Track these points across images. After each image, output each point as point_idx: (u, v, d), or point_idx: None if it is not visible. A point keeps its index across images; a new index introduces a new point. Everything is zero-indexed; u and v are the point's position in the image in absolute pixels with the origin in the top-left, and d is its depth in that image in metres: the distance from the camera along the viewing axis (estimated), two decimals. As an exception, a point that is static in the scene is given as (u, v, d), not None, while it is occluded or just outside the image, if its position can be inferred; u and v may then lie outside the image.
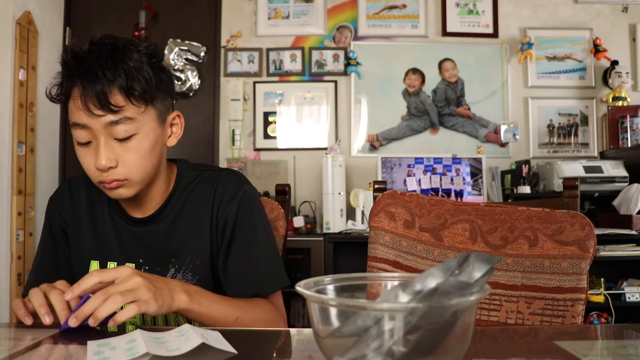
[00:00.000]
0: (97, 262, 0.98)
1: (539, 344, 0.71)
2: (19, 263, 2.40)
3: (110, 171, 0.86)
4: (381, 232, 1.09)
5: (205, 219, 0.97)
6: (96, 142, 0.86)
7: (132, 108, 0.85)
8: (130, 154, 0.87)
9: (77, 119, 0.85)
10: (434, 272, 0.46)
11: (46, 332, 0.71)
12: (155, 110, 0.90)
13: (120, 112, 0.84)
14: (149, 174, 0.92)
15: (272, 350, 0.70)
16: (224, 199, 0.97)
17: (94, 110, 0.83)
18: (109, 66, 0.83)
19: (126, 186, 0.89)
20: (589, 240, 0.95)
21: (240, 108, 3.04)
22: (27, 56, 2.51)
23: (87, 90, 0.82)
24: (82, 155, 0.89)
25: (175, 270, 0.96)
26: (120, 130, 0.85)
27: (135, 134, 0.87)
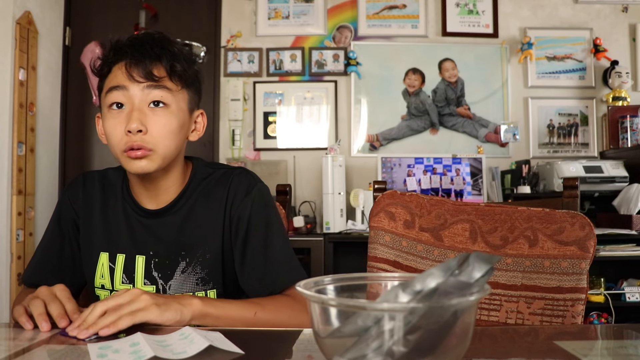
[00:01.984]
0: (106, 254, 0.99)
1: (539, 344, 0.71)
2: (19, 263, 2.40)
3: (139, 136, 0.89)
4: (381, 232, 1.09)
5: (217, 214, 0.99)
6: (130, 106, 0.90)
7: (170, 83, 0.93)
8: (160, 123, 0.91)
9: (116, 82, 0.91)
10: (434, 272, 0.46)
11: (46, 333, 0.71)
12: (187, 96, 0.97)
13: (159, 81, 0.91)
14: (171, 153, 0.94)
15: (276, 350, 0.70)
16: (237, 195, 0.99)
17: (137, 77, 0.90)
18: (156, 46, 0.92)
19: (150, 158, 0.91)
20: (589, 240, 0.95)
21: (240, 108, 3.04)
22: (27, 56, 2.51)
23: (134, 61, 0.90)
24: (111, 124, 0.91)
25: (185, 264, 0.97)
26: (156, 94, 0.91)
27: (168, 106, 0.92)
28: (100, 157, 3.01)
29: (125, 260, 0.98)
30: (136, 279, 0.97)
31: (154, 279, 0.97)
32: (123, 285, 0.98)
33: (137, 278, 0.97)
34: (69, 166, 2.95)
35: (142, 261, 0.98)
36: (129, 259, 0.98)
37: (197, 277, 0.97)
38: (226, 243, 0.99)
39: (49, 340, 0.68)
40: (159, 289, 0.97)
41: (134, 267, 0.98)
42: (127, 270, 0.98)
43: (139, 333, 0.65)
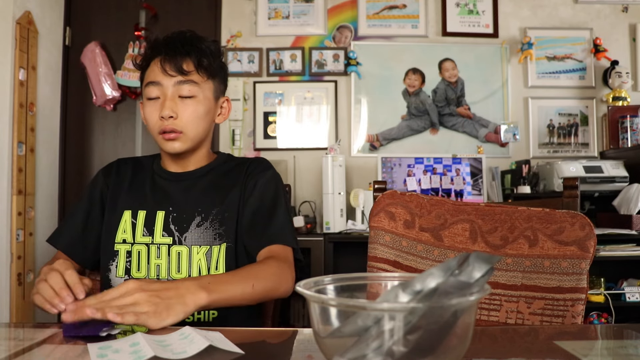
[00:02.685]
0: (129, 211, 1.11)
1: (539, 344, 0.71)
2: (19, 263, 2.40)
3: (170, 120, 1.05)
4: (381, 232, 1.09)
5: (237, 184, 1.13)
6: (163, 97, 1.06)
7: (197, 76, 1.09)
8: (188, 111, 1.07)
9: (153, 78, 1.08)
10: (434, 272, 0.46)
11: (46, 333, 0.71)
12: (213, 86, 1.14)
13: (188, 75, 1.07)
14: (199, 135, 1.11)
15: (276, 349, 0.70)
16: (255, 170, 1.15)
17: (169, 71, 1.06)
18: (187, 43, 1.08)
19: (181, 139, 1.08)
20: (589, 240, 0.95)
21: (241, 108, 3.04)
22: (27, 56, 2.51)
23: (167, 58, 1.07)
24: (148, 111, 1.08)
25: (201, 219, 1.08)
26: (185, 89, 1.07)
27: (195, 97, 1.08)
28: (100, 157, 3.01)
29: (146, 216, 1.09)
30: (155, 232, 1.08)
31: (171, 231, 1.07)
32: (143, 237, 1.08)
33: (157, 230, 1.08)
34: (69, 166, 2.95)
35: (161, 216, 1.09)
36: (150, 214, 1.09)
37: (215, 233, 1.07)
38: (242, 205, 1.11)
39: (49, 340, 0.68)
40: (175, 240, 1.07)
41: (154, 221, 1.08)
42: (148, 224, 1.09)
43: (139, 333, 0.65)
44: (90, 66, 2.88)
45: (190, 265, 1.05)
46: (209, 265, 1.05)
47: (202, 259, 1.06)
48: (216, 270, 1.06)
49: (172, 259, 1.06)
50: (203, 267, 1.06)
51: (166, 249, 1.06)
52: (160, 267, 1.06)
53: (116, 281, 1.07)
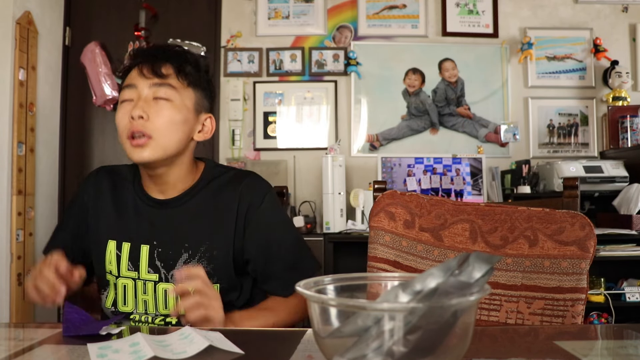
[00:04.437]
0: (114, 242, 1.04)
1: (539, 344, 0.70)
2: (19, 263, 2.40)
3: (140, 121, 0.96)
4: (381, 232, 1.09)
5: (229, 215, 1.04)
6: (137, 99, 0.99)
7: (176, 81, 1.01)
8: (162, 114, 0.98)
9: (129, 81, 1.01)
10: (434, 272, 0.46)
11: (46, 333, 0.71)
12: (194, 96, 1.04)
13: (166, 79, 1.00)
14: (172, 144, 1.00)
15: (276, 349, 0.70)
16: (252, 202, 1.04)
17: (146, 74, 0.99)
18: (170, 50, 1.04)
19: (150, 146, 0.97)
20: (589, 240, 0.95)
21: (240, 108, 3.04)
22: (27, 56, 2.51)
23: (147, 61, 1.00)
24: (120, 114, 1.00)
25: (188, 256, 1.02)
26: (160, 92, 0.99)
27: (171, 101, 0.99)
28: (100, 157, 3.01)
29: (131, 248, 1.03)
30: (140, 267, 1.02)
31: (157, 268, 1.02)
32: (129, 272, 1.03)
33: (142, 266, 1.02)
34: (69, 166, 2.95)
35: (146, 250, 1.02)
36: (134, 247, 1.03)
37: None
38: (237, 243, 1.03)
39: (49, 340, 0.68)
40: (161, 278, 1.02)
41: (138, 256, 1.02)
42: (133, 258, 1.03)
43: (138, 333, 0.65)
44: (90, 66, 2.88)
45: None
46: None
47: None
48: None
49: (158, 295, 1.02)
50: None
51: (152, 286, 1.02)
52: (148, 302, 1.02)
53: (106, 310, 1.06)
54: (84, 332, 0.70)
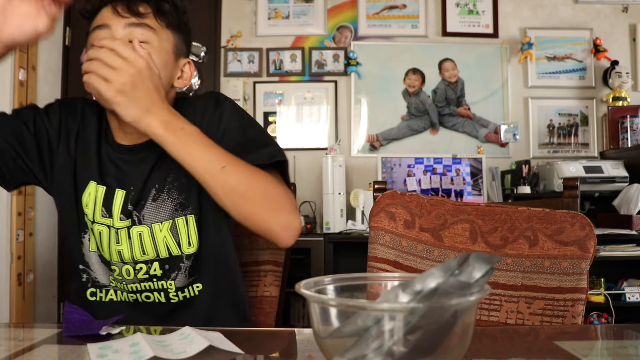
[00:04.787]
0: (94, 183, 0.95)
1: (539, 344, 0.71)
2: (19, 263, 2.40)
3: None
4: (381, 232, 1.09)
5: None
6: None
7: (154, 20, 0.92)
8: None
9: (101, 21, 0.91)
10: (434, 272, 0.46)
11: (46, 333, 0.71)
12: (173, 39, 0.96)
13: (143, 18, 0.90)
14: None
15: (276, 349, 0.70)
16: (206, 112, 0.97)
17: (121, 12, 0.89)
18: None
19: None
20: (589, 240, 0.95)
21: (240, 108, 3.04)
22: (27, 56, 2.51)
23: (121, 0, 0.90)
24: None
25: (156, 191, 0.95)
26: (137, 33, 0.90)
27: (150, 43, 0.91)
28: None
29: (106, 193, 0.95)
30: (113, 214, 0.94)
31: (128, 213, 0.94)
32: (103, 218, 0.94)
33: (115, 213, 0.94)
34: (69, 166, 2.95)
35: (121, 195, 0.94)
36: (109, 192, 0.95)
37: (175, 203, 0.95)
38: None
39: (49, 340, 0.68)
40: (134, 221, 0.94)
41: (112, 201, 0.94)
42: (106, 203, 0.94)
43: (138, 333, 0.65)
44: (90, 66, 2.88)
45: (156, 243, 0.94)
46: (177, 240, 0.94)
47: (168, 235, 0.94)
48: (189, 246, 0.95)
49: (133, 241, 0.94)
50: (170, 243, 0.94)
51: (126, 232, 0.94)
52: (122, 252, 0.94)
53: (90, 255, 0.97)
54: (84, 332, 0.70)
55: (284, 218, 0.89)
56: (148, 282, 0.95)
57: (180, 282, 0.96)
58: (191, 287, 0.97)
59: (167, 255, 0.95)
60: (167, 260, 0.95)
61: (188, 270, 0.96)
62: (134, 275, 0.95)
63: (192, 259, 0.96)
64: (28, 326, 0.75)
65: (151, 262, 0.95)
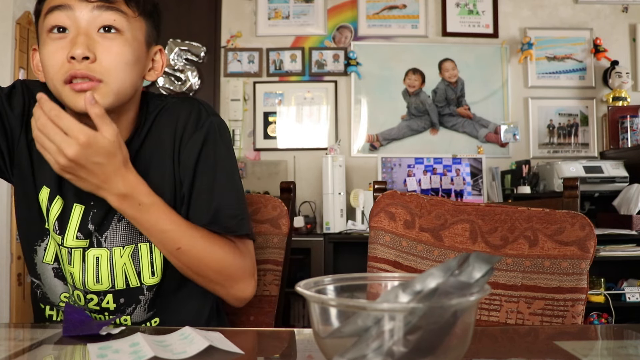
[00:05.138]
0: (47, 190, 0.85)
1: (539, 344, 0.71)
2: (19, 263, 2.40)
3: (84, 63, 0.73)
4: (381, 232, 1.09)
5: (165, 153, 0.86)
6: (75, 30, 0.75)
7: (125, 7, 0.78)
8: (112, 52, 0.76)
9: (60, 1, 0.74)
10: (434, 273, 0.46)
11: (46, 333, 0.71)
12: (145, 27, 0.83)
13: (112, 2, 0.76)
14: (125, 89, 0.79)
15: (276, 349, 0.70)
16: (186, 133, 0.86)
17: None
18: None
19: (100, 92, 0.75)
20: (589, 240, 0.95)
21: (240, 108, 3.04)
22: (27, 56, 2.51)
23: None
24: (50, 50, 0.75)
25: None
26: (108, 18, 0.76)
27: (121, 33, 0.77)
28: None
29: (63, 207, 0.84)
30: (68, 232, 0.83)
31: (88, 233, 0.83)
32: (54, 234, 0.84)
33: (69, 231, 0.83)
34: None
35: (79, 211, 0.83)
36: (67, 206, 0.84)
37: None
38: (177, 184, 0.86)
39: (49, 340, 0.68)
40: (92, 243, 0.84)
41: (68, 217, 0.83)
42: (62, 218, 0.83)
43: (138, 333, 0.65)
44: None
45: (113, 271, 0.83)
46: (137, 269, 0.84)
47: (128, 262, 0.84)
48: (152, 276, 0.85)
49: (88, 265, 0.83)
50: (130, 272, 0.84)
51: (80, 254, 0.83)
52: (74, 275, 0.83)
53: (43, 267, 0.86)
54: (84, 332, 0.70)
55: (235, 290, 0.85)
56: (99, 314, 0.85)
57: (137, 317, 0.86)
58: (148, 323, 0.87)
59: (124, 286, 0.84)
60: (123, 293, 0.85)
61: (148, 304, 0.86)
62: (85, 304, 0.85)
63: (153, 290, 0.86)
64: (28, 326, 0.75)
65: (104, 293, 0.84)
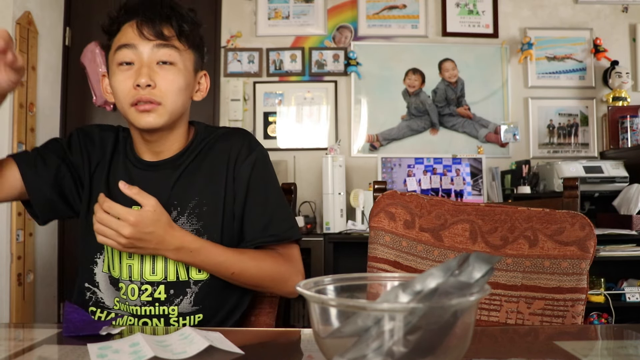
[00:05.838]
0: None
1: (539, 344, 0.71)
2: (19, 263, 2.40)
3: (148, 90, 0.93)
4: (381, 232, 1.09)
5: (218, 171, 1.02)
6: (139, 63, 0.94)
7: (178, 43, 0.98)
8: (168, 79, 0.95)
9: (126, 41, 0.95)
10: (434, 273, 0.46)
11: (46, 333, 0.71)
12: (193, 57, 1.02)
13: (169, 40, 0.96)
14: (178, 109, 0.98)
15: (276, 349, 0.70)
16: (240, 155, 1.03)
17: (148, 35, 0.94)
18: (166, 6, 0.97)
19: (158, 112, 0.95)
20: (589, 240, 0.95)
21: (240, 108, 3.04)
22: (27, 56, 2.51)
23: (144, 20, 0.94)
24: (119, 79, 0.95)
25: (177, 213, 1.00)
26: (164, 53, 0.95)
27: (175, 64, 0.97)
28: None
29: None
30: None
31: None
32: None
33: None
34: (69, 166, 2.95)
35: None
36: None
37: (193, 229, 0.99)
38: (228, 198, 1.02)
39: (49, 340, 0.68)
40: None
41: None
42: None
43: (139, 333, 0.65)
44: (90, 66, 2.88)
45: (167, 264, 0.97)
46: (187, 266, 0.98)
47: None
48: (199, 272, 0.98)
49: (145, 259, 0.97)
50: (180, 266, 0.97)
51: None
52: (132, 268, 0.97)
53: (101, 276, 1.00)
54: (84, 332, 0.70)
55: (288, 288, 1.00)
56: (150, 305, 0.97)
57: (184, 308, 0.97)
58: (193, 317, 0.98)
59: (174, 278, 0.97)
60: (174, 285, 0.97)
61: (193, 297, 0.98)
62: (138, 296, 0.96)
63: (199, 285, 0.98)
64: (28, 326, 0.75)
65: (157, 284, 0.97)
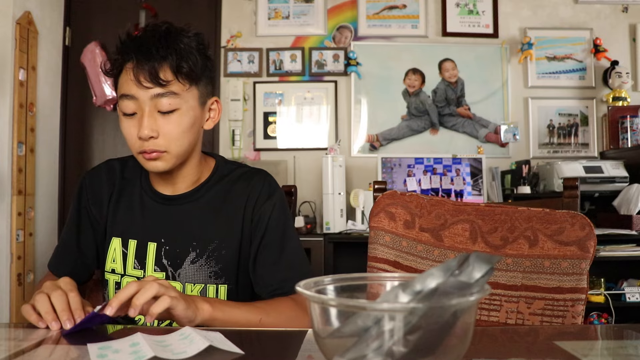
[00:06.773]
0: (119, 239, 1.02)
1: (539, 344, 0.70)
2: (19, 263, 2.40)
3: (151, 141, 0.92)
4: (381, 232, 1.09)
5: (237, 212, 1.02)
6: (141, 113, 0.92)
7: (178, 85, 0.93)
8: (171, 127, 0.93)
9: (126, 90, 0.93)
10: (434, 273, 0.46)
11: (46, 332, 0.71)
12: (198, 91, 0.98)
13: (167, 86, 0.92)
14: (186, 150, 0.97)
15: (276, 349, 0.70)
16: (260, 197, 1.02)
17: (144, 82, 0.91)
18: (162, 45, 0.92)
19: (164, 159, 0.95)
20: (589, 240, 0.95)
21: (240, 108, 3.04)
22: (27, 56, 2.51)
23: (140, 64, 0.91)
24: (125, 126, 0.95)
25: (196, 255, 0.99)
26: (164, 103, 0.92)
27: (178, 109, 0.94)
28: (100, 157, 3.00)
29: (137, 246, 1.01)
30: (147, 265, 1.00)
31: (163, 266, 0.99)
32: (135, 270, 1.00)
33: (148, 264, 1.00)
34: (69, 166, 2.95)
35: (153, 248, 1.00)
36: (141, 244, 1.00)
37: (211, 271, 0.99)
38: (245, 241, 1.01)
39: (49, 340, 0.67)
40: (168, 276, 0.99)
41: (145, 253, 1.00)
42: (139, 255, 1.00)
43: (138, 333, 0.65)
44: (90, 66, 2.88)
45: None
46: None
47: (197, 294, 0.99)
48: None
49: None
50: None
51: None
52: None
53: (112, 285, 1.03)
54: (83, 326, 0.70)
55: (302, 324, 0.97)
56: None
57: None
58: None
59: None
60: None
61: None
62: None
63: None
64: (28, 326, 0.75)
65: None
